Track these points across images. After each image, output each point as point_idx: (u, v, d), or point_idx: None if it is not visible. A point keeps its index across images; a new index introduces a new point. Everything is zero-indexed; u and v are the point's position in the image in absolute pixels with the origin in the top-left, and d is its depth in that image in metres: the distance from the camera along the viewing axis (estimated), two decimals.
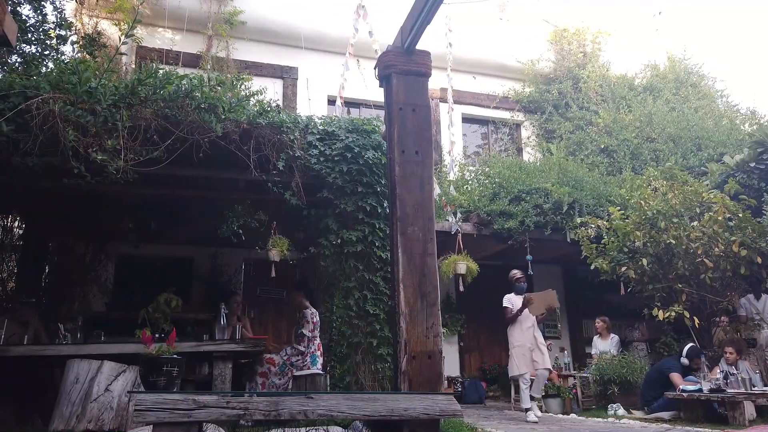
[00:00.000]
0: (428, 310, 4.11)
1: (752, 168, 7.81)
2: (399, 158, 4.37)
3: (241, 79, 6.23)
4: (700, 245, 6.51)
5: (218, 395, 2.80)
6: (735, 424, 5.28)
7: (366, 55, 9.56)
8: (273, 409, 2.77)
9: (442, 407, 3.09)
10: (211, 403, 2.71)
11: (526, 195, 8.63)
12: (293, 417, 2.81)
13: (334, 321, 5.70)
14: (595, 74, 11.39)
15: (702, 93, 11.60)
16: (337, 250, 5.79)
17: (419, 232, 4.24)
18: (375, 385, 5.38)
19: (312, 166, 5.78)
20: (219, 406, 2.71)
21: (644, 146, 10.04)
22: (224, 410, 2.71)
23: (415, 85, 4.59)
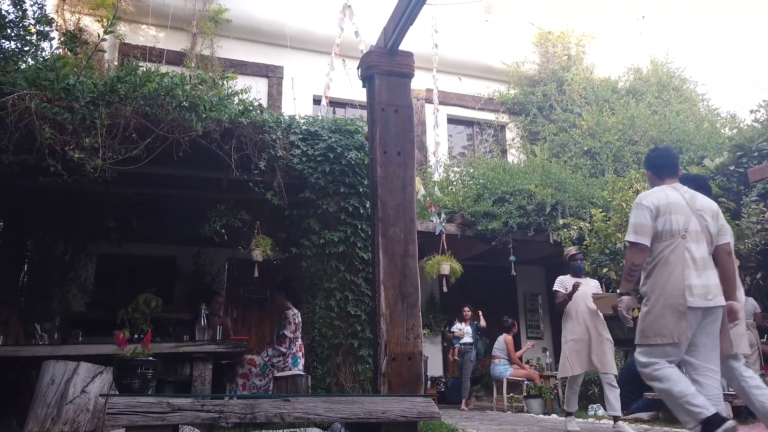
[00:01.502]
0: (409, 311, 4.11)
1: (732, 171, 7.91)
2: (381, 159, 4.37)
3: (226, 78, 6.19)
4: None
5: (193, 398, 2.77)
6: None
7: (352, 54, 9.52)
8: (249, 412, 2.75)
9: (420, 409, 3.09)
10: (186, 406, 2.69)
11: (509, 196, 8.67)
12: (269, 420, 2.80)
13: (315, 322, 5.68)
14: (579, 77, 11.48)
15: (684, 97, 11.74)
16: (319, 251, 5.77)
17: (400, 233, 4.24)
18: (356, 387, 5.37)
19: (294, 166, 5.76)
20: (193, 409, 2.69)
21: (626, 149, 10.14)
22: (199, 413, 2.68)
23: (398, 86, 4.59)
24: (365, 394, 4.61)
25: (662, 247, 3.17)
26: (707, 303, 3.07)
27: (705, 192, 3.56)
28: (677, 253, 3.13)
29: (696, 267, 3.10)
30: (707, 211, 3.26)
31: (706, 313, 3.09)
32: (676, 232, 3.15)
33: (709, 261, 3.18)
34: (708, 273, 3.13)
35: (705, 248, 3.17)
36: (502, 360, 8.13)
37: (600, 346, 5.03)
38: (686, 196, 3.29)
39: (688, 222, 3.17)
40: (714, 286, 3.12)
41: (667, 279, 3.12)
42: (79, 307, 7.76)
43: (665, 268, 3.14)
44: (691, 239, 3.15)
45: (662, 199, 3.22)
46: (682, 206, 3.21)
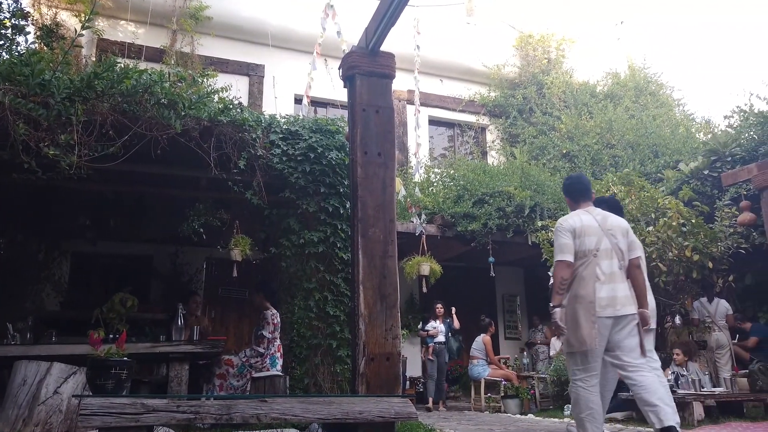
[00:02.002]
0: (388, 312, 4.12)
1: (706, 175, 8.07)
2: (361, 159, 4.37)
3: (206, 75, 6.14)
4: (655, 250, 6.69)
5: (168, 399, 2.74)
6: (684, 425, 5.43)
7: (334, 54, 9.50)
8: (225, 412, 2.73)
9: (398, 410, 3.10)
10: (161, 407, 2.66)
11: (489, 198, 8.74)
12: (246, 421, 2.78)
13: (294, 322, 5.66)
14: (558, 80, 11.61)
15: (660, 101, 11.94)
16: (299, 251, 5.76)
17: (380, 234, 4.25)
18: (334, 387, 5.36)
19: (274, 166, 5.73)
20: (168, 410, 2.66)
21: (604, 152, 10.28)
22: (174, 414, 2.66)
23: (379, 87, 4.60)
24: (343, 395, 4.61)
25: (578, 264, 3.61)
26: (616, 312, 3.50)
27: (616, 211, 4.07)
28: (589, 269, 3.57)
29: (604, 281, 3.53)
30: (617, 230, 3.68)
31: (616, 321, 3.51)
32: (588, 251, 3.59)
33: (618, 275, 3.59)
34: (616, 286, 3.55)
35: (615, 264, 3.60)
36: (480, 360, 8.18)
37: None
38: (598, 218, 3.72)
39: (600, 242, 3.61)
40: (622, 298, 3.54)
41: (581, 293, 3.55)
42: (52, 307, 7.62)
43: (580, 283, 3.58)
44: (602, 257, 3.59)
45: (577, 222, 3.67)
46: (595, 228, 3.66)
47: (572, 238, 3.63)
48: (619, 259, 3.62)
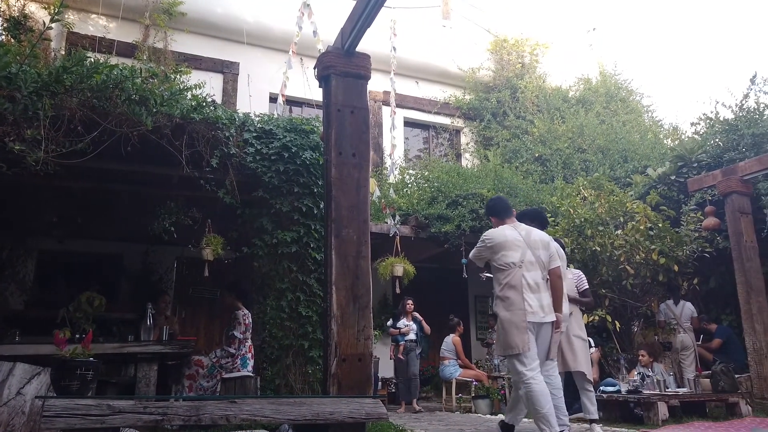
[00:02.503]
0: (360, 312, 4.11)
1: (672, 181, 8.28)
2: (336, 160, 4.36)
3: (179, 72, 6.06)
4: (623, 253, 6.84)
5: (135, 400, 2.70)
6: (649, 424, 5.56)
7: (310, 54, 9.48)
8: (193, 414, 2.70)
9: (368, 411, 3.11)
10: (127, 409, 2.61)
11: (463, 200, 8.80)
12: (215, 422, 2.75)
13: (266, 323, 5.62)
14: (532, 85, 11.77)
15: (630, 108, 12.20)
16: (272, 251, 5.72)
17: (354, 234, 4.25)
18: (305, 388, 5.34)
19: (248, 165, 5.68)
20: (135, 412, 2.62)
21: (575, 156, 10.45)
22: (141, 416, 2.62)
23: (354, 87, 4.60)
24: (314, 396, 4.59)
25: (504, 275, 4.00)
26: (541, 319, 3.93)
27: (539, 221, 4.57)
28: (516, 280, 3.95)
29: (531, 290, 3.93)
30: (539, 243, 4.08)
31: (540, 327, 3.96)
32: (512, 263, 3.98)
33: (542, 285, 3.99)
34: (542, 295, 3.97)
35: (539, 274, 3.99)
36: (451, 361, 8.23)
37: (568, 344, 4.89)
38: (522, 232, 4.12)
39: (524, 254, 3.99)
40: (546, 306, 3.97)
41: (510, 302, 3.94)
42: (17, 306, 7.42)
43: (509, 293, 3.96)
44: (527, 268, 3.97)
45: (501, 237, 4.08)
46: (519, 242, 4.04)
47: (489, 252, 4.09)
48: (542, 270, 4.03)
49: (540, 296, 3.94)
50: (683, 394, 6.16)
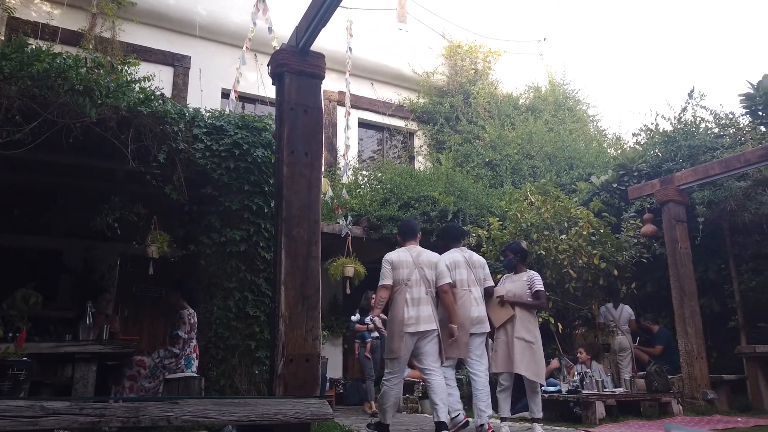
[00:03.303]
0: (309, 313, 4.11)
1: (614, 188, 8.62)
2: (287, 159, 4.34)
3: (127, 63, 5.87)
4: (566, 257, 7.06)
5: (71, 401, 2.60)
6: (587, 423, 5.77)
7: (264, 50, 9.38)
8: (132, 415, 2.63)
9: (314, 411, 3.11)
10: (62, 410, 2.52)
11: (415, 202, 8.89)
12: (155, 423, 2.69)
13: (212, 322, 5.52)
14: (484, 91, 12.00)
15: (577, 117, 12.61)
16: (220, 249, 5.62)
17: (304, 234, 4.24)
18: (251, 389, 5.28)
19: (197, 161, 5.57)
20: (71, 413, 2.53)
21: (524, 162, 10.72)
22: (76, 417, 2.53)
23: (308, 86, 4.59)
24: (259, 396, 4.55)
25: (394, 291, 4.58)
26: (419, 329, 4.46)
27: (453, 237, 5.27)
28: (401, 295, 4.53)
29: (412, 304, 4.49)
30: (427, 264, 4.66)
31: (421, 335, 4.49)
32: (401, 281, 4.56)
33: (424, 300, 4.54)
34: (421, 308, 4.50)
35: (423, 291, 4.56)
36: None
37: (509, 346, 5.06)
38: (413, 254, 4.68)
39: (411, 273, 4.58)
40: (425, 317, 4.50)
41: (394, 314, 4.53)
42: None
43: (394, 306, 4.56)
44: (412, 285, 4.55)
45: (396, 257, 4.66)
46: (409, 262, 4.62)
47: (391, 268, 4.59)
48: (427, 287, 4.58)
49: (419, 309, 4.50)
50: (620, 393, 6.41)
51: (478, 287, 4.96)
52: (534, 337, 5.07)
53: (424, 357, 4.53)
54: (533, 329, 5.12)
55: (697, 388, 6.72)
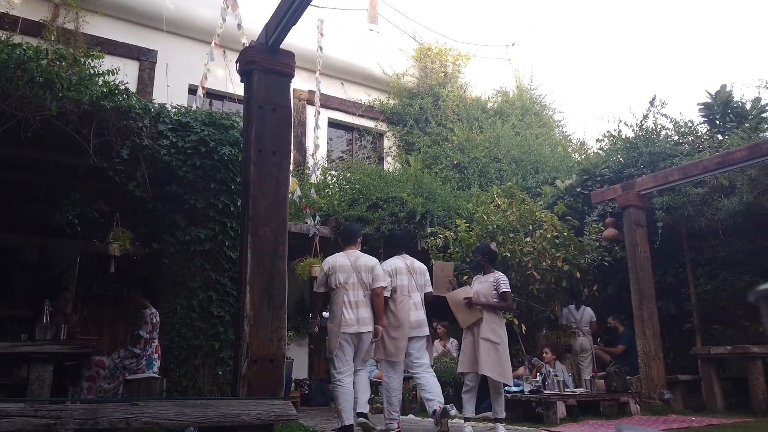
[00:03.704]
0: (274, 313, 4.07)
1: (578, 193, 8.81)
2: (255, 157, 4.30)
3: (90, 56, 5.72)
4: (531, 259, 7.19)
5: (25, 403, 2.52)
6: (548, 423, 5.88)
7: (233, 47, 9.26)
8: (90, 417, 2.56)
9: (278, 412, 3.08)
10: (15, 412, 2.44)
11: (383, 203, 8.91)
12: (114, 426, 2.63)
13: (175, 322, 5.43)
14: (453, 94, 12.10)
15: (543, 122, 12.84)
16: (184, 248, 5.53)
17: (271, 233, 4.20)
18: (214, 390, 5.21)
19: (161, 158, 5.46)
20: (25, 415, 2.45)
21: (491, 165, 10.86)
22: (31, 419, 2.45)
23: (277, 85, 4.55)
24: (222, 397, 4.49)
25: (334, 294, 4.86)
26: (357, 330, 4.76)
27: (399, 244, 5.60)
28: (340, 297, 4.81)
29: (350, 306, 4.77)
30: (364, 267, 4.91)
31: (358, 336, 4.78)
32: (339, 284, 4.83)
33: (362, 302, 4.81)
34: (359, 310, 4.79)
35: (360, 294, 4.83)
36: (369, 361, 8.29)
37: (475, 346, 5.12)
38: (351, 258, 4.94)
39: (349, 277, 4.84)
40: (363, 319, 4.78)
41: (333, 315, 4.81)
42: None
43: (334, 307, 4.83)
44: (350, 288, 4.82)
45: (333, 262, 4.93)
46: (347, 266, 4.88)
47: (325, 275, 4.90)
48: (364, 290, 4.85)
49: (357, 311, 4.78)
50: (580, 394, 6.56)
51: (418, 293, 5.26)
52: (500, 338, 5.13)
53: (356, 356, 4.83)
54: (499, 330, 5.18)
55: (654, 388, 6.91)
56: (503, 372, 5.07)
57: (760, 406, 6.42)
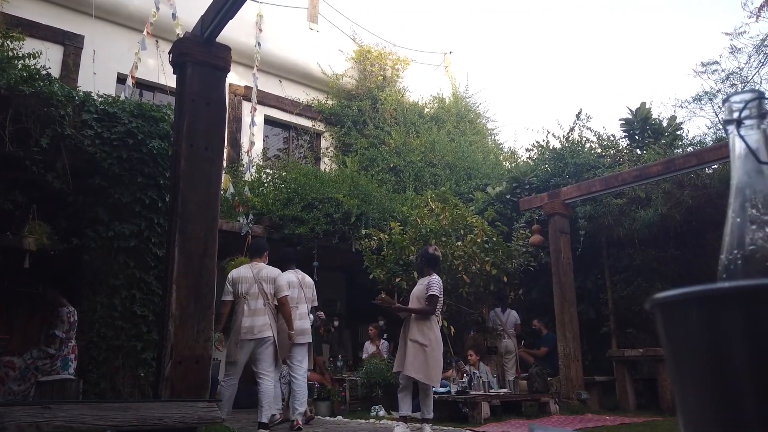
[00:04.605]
0: (201, 313, 3.98)
1: (507, 199, 9.11)
2: (186, 152, 4.18)
3: (10, 37, 5.38)
4: (461, 263, 7.36)
5: None
6: (473, 422, 6.03)
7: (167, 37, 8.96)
8: None
9: (201, 415, 3.01)
10: None
11: (318, 203, 8.86)
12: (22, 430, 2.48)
13: (95, 321, 5.18)
14: (391, 98, 12.21)
15: (477, 129, 13.18)
16: (106, 244, 5.29)
17: (201, 231, 4.10)
18: (135, 392, 5.01)
19: (85, 148, 5.21)
20: None
21: (426, 170, 11.04)
22: None
23: (212, 79, 4.46)
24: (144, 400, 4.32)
25: (236, 303, 5.09)
26: (254, 336, 4.98)
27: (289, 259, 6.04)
28: (240, 307, 5.05)
29: (249, 315, 5.01)
30: (266, 279, 5.17)
31: (257, 343, 5.00)
32: (241, 294, 5.06)
33: (261, 311, 5.05)
34: (256, 318, 5.02)
35: (260, 302, 5.08)
36: None
37: (405, 347, 5.15)
38: (254, 270, 5.19)
39: (251, 287, 5.09)
40: (261, 326, 5.01)
41: (235, 323, 5.05)
42: None
43: (235, 316, 5.08)
44: (251, 298, 5.06)
45: (236, 274, 5.17)
46: (249, 277, 5.13)
47: (231, 284, 5.11)
48: (265, 299, 5.10)
49: (254, 319, 5.02)
50: (504, 394, 6.77)
51: (306, 305, 5.74)
52: (428, 340, 5.14)
53: (259, 362, 5.04)
54: (428, 332, 5.19)
55: (573, 388, 7.24)
56: (429, 374, 5.08)
57: (668, 405, 6.84)
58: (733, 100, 0.63)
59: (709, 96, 8.03)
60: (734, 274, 0.58)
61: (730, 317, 0.43)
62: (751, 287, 0.44)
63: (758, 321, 0.42)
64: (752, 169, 0.60)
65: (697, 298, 0.45)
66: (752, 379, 0.42)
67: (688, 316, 0.46)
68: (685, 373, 0.47)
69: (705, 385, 0.45)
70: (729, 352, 0.44)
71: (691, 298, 0.45)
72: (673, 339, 0.48)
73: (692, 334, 0.46)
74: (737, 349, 0.43)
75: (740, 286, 0.45)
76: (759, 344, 0.42)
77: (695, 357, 0.46)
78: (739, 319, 0.43)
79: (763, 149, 0.60)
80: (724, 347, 0.44)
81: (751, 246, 0.58)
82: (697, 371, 0.46)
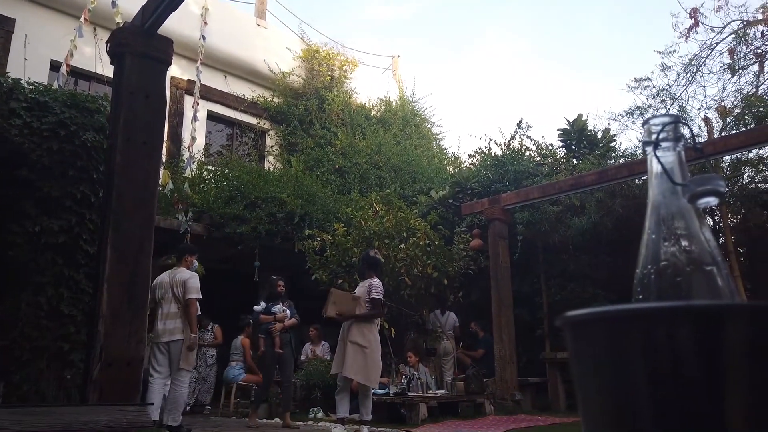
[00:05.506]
0: (134, 313, 3.85)
1: (450, 204, 9.27)
2: (123, 146, 4.04)
3: None
4: (404, 265, 7.44)
5: None
6: (411, 423, 6.10)
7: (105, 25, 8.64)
8: None
9: (131, 419, 2.90)
10: None
11: (261, 202, 8.74)
12: None
13: (18, 320, 4.91)
14: (339, 99, 12.19)
15: (422, 134, 13.35)
16: (33, 239, 5.03)
17: (136, 228, 3.97)
18: (60, 395, 4.78)
19: (12, 138, 4.94)
20: None
21: (372, 172, 11.08)
22: None
23: (152, 71, 4.32)
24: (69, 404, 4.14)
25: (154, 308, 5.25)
26: (165, 339, 5.22)
27: None
28: (156, 311, 5.26)
29: (162, 318, 5.27)
30: (179, 283, 5.36)
31: (167, 345, 5.24)
32: (158, 299, 5.32)
33: (173, 314, 5.29)
34: (168, 322, 5.26)
35: (173, 306, 5.31)
36: (238, 363, 8.07)
37: (345, 349, 5.18)
38: (171, 275, 5.43)
39: (166, 292, 5.35)
40: (171, 329, 5.25)
41: (153, 327, 5.14)
42: None
43: (154, 321, 5.21)
44: (165, 302, 5.31)
45: (158, 279, 5.41)
46: (165, 282, 5.39)
47: (152, 290, 5.03)
48: (177, 302, 5.32)
49: (166, 323, 5.25)
50: (441, 395, 6.89)
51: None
52: (368, 342, 5.19)
53: (172, 364, 5.24)
54: (368, 334, 5.24)
55: (507, 389, 7.44)
56: (368, 376, 5.12)
57: None
58: (651, 123, 0.65)
59: (641, 111, 8.44)
60: (648, 287, 0.61)
61: (630, 336, 0.47)
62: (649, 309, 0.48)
63: (654, 339, 0.46)
64: (667, 189, 0.63)
65: (602, 318, 0.48)
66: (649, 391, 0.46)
67: (594, 334, 0.50)
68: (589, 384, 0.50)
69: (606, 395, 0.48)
70: (629, 367, 0.47)
71: (597, 317, 0.49)
72: (580, 353, 0.51)
73: (597, 349, 0.49)
74: (636, 364, 0.47)
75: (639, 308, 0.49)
76: (655, 360, 0.46)
77: (599, 370, 0.49)
78: (638, 337, 0.47)
79: (677, 171, 0.63)
80: (625, 362, 0.47)
81: (663, 262, 0.62)
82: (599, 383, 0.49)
